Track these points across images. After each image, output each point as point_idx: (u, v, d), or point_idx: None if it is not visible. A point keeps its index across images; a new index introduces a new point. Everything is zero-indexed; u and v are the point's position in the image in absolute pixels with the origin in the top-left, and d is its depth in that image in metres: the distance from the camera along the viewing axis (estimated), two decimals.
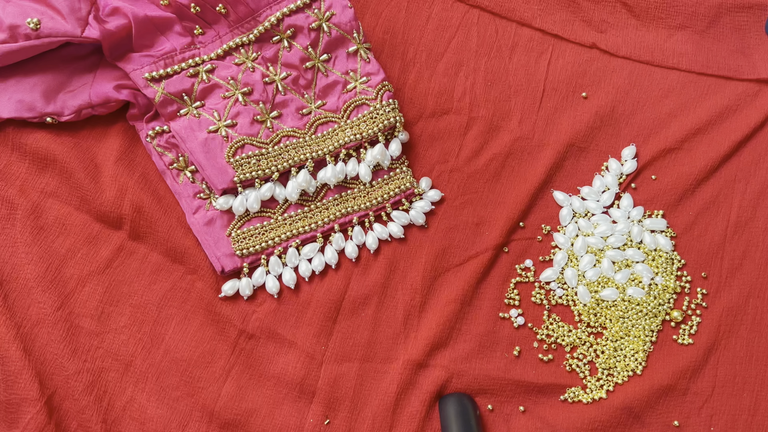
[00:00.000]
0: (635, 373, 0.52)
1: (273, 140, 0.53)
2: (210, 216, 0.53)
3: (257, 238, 0.53)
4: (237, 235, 0.52)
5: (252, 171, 0.52)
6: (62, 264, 0.52)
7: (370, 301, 0.53)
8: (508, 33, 0.57)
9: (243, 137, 0.52)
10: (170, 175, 0.53)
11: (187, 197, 0.53)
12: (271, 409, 0.51)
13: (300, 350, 0.52)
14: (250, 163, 0.52)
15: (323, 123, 0.54)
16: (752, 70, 0.55)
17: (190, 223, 0.53)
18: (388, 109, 0.53)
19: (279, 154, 0.52)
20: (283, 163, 0.52)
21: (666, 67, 0.56)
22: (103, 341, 0.51)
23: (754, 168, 0.54)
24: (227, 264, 0.52)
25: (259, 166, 0.52)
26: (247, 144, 0.52)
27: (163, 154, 0.53)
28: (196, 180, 0.53)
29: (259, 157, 0.52)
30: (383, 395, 0.51)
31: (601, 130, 0.55)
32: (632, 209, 0.54)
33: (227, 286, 0.52)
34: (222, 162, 0.51)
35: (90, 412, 0.50)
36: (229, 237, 0.52)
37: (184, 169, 0.53)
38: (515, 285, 0.53)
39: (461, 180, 0.55)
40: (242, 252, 0.52)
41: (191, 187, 0.53)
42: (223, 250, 0.52)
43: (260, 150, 0.52)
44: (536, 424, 0.51)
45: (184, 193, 0.53)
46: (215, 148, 0.52)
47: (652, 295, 0.53)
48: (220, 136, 0.52)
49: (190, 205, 0.53)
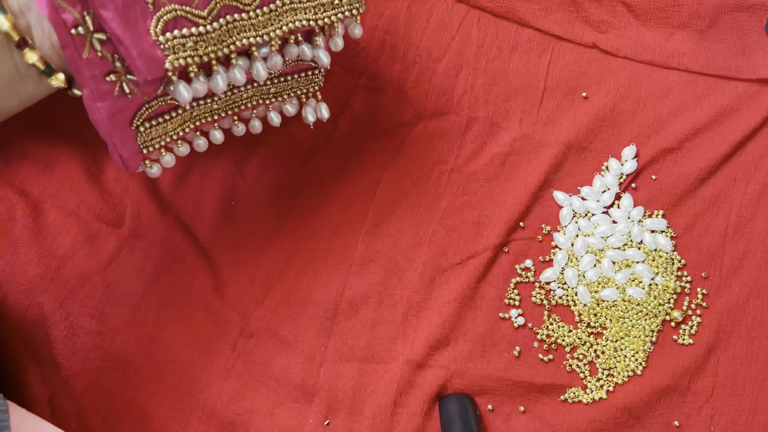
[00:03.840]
0: (635, 374, 0.52)
1: (212, 13, 0.40)
2: (119, 104, 0.40)
3: (163, 130, 0.44)
4: (145, 129, 0.42)
5: (188, 56, 0.40)
6: (62, 264, 0.52)
7: (369, 301, 0.53)
8: (509, 33, 0.57)
9: (174, 6, 0.39)
10: (72, 43, 0.38)
11: (92, 76, 0.39)
12: (271, 410, 0.51)
13: (299, 350, 0.52)
14: (185, 45, 0.40)
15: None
16: (752, 70, 0.55)
17: (91, 111, 0.40)
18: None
19: (220, 37, 0.41)
20: (224, 49, 0.41)
21: (666, 67, 0.56)
22: (103, 341, 0.51)
23: (755, 168, 0.54)
24: (132, 164, 0.43)
25: (196, 50, 0.40)
26: (180, 17, 0.39)
27: (61, 9, 0.37)
28: (106, 54, 0.39)
29: (197, 38, 0.40)
30: (383, 395, 0.51)
31: (602, 130, 0.55)
32: (632, 209, 0.54)
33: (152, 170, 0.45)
34: (148, 39, 0.39)
35: (90, 411, 0.50)
36: (135, 130, 0.42)
37: (90, 35, 0.38)
38: (515, 285, 0.53)
39: (461, 180, 0.55)
40: (147, 149, 0.43)
41: (97, 63, 0.39)
42: (130, 149, 0.42)
43: (197, 28, 0.40)
44: (536, 424, 0.51)
45: (87, 71, 0.39)
46: (136, 16, 0.38)
47: (652, 295, 0.52)
48: (142, 1, 0.38)
49: (95, 89, 0.39)
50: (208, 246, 0.53)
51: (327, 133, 0.55)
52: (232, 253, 0.53)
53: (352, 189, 0.55)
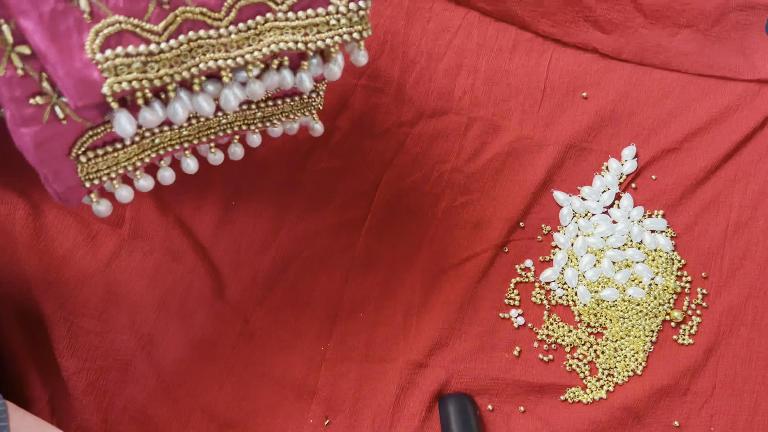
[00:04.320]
0: (635, 374, 0.52)
1: (169, 28, 0.33)
2: (49, 133, 0.33)
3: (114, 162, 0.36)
4: (86, 159, 0.35)
5: (133, 80, 0.32)
6: (62, 264, 0.51)
7: (369, 301, 0.53)
8: (509, 33, 0.57)
9: (119, 17, 0.32)
10: None
11: (13, 98, 0.32)
12: (271, 410, 0.51)
13: (300, 350, 0.52)
14: (130, 66, 0.32)
15: (251, 5, 0.35)
16: (752, 70, 0.55)
17: (15, 137, 0.33)
18: (355, 18, 0.37)
19: (178, 57, 0.33)
20: (183, 72, 0.33)
21: (666, 68, 0.56)
22: (103, 341, 0.51)
23: (755, 168, 0.54)
24: (70, 199, 0.36)
25: (145, 74, 0.32)
26: (127, 31, 0.32)
27: None
28: (30, 71, 0.32)
29: (147, 59, 0.32)
30: (383, 395, 0.51)
31: (602, 130, 0.55)
32: (632, 209, 0.54)
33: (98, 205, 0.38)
34: (81, 57, 0.31)
35: (90, 412, 0.50)
36: (75, 160, 0.35)
37: (9, 48, 0.32)
38: (515, 285, 0.53)
39: (461, 180, 0.55)
40: (92, 182, 0.36)
41: (19, 83, 0.32)
42: (67, 182, 0.35)
43: (147, 46, 0.32)
44: (536, 424, 0.51)
45: (6, 93, 0.32)
46: (69, 29, 0.31)
47: (652, 295, 0.52)
48: (77, 10, 0.31)
49: (18, 113, 0.32)
50: (208, 246, 0.53)
51: (327, 132, 0.55)
52: (232, 253, 0.53)
53: (352, 189, 0.55)
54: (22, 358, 0.50)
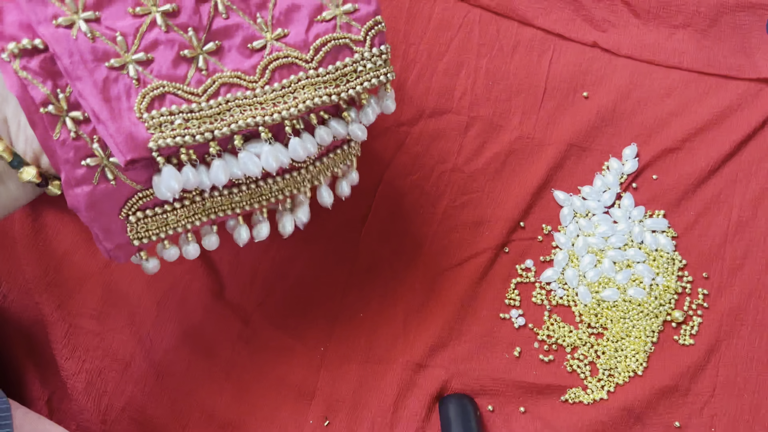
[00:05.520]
0: (636, 374, 0.52)
1: (208, 91, 0.36)
2: (99, 192, 0.35)
3: (163, 222, 0.38)
4: (136, 220, 0.37)
5: (176, 136, 0.35)
6: (61, 264, 0.51)
7: (369, 302, 0.53)
8: (510, 32, 0.56)
9: (163, 82, 0.35)
10: (42, 122, 0.34)
11: (66, 162, 0.35)
12: (270, 410, 0.51)
13: (299, 351, 0.52)
14: (173, 123, 0.35)
15: (283, 66, 0.37)
16: (753, 69, 0.55)
17: (68, 197, 0.35)
18: (379, 61, 0.38)
19: (218, 114, 0.36)
20: (223, 128, 0.36)
21: (667, 67, 0.56)
22: (103, 341, 0.51)
23: (756, 168, 0.54)
24: (119, 256, 0.38)
25: (187, 130, 0.35)
26: (169, 94, 0.35)
27: (31, 85, 0.34)
28: (81, 135, 0.35)
29: (188, 116, 0.35)
30: (383, 396, 0.51)
31: (602, 129, 0.55)
32: (633, 209, 0.54)
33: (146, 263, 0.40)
34: (130, 117, 0.34)
35: (89, 412, 0.50)
36: (125, 221, 0.37)
37: (63, 114, 0.34)
38: (516, 285, 0.53)
39: (461, 180, 0.54)
40: (141, 242, 0.38)
41: (72, 146, 0.35)
42: (117, 240, 0.37)
43: (188, 105, 0.35)
44: (537, 424, 0.51)
45: (61, 155, 0.35)
46: (119, 94, 0.34)
47: (653, 295, 0.52)
48: (127, 77, 0.35)
49: (71, 174, 0.35)
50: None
51: None
52: (231, 254, 0.53)
53: (353, 189, 0.54)
54: (21, 358, 0.50)
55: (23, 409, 0.41)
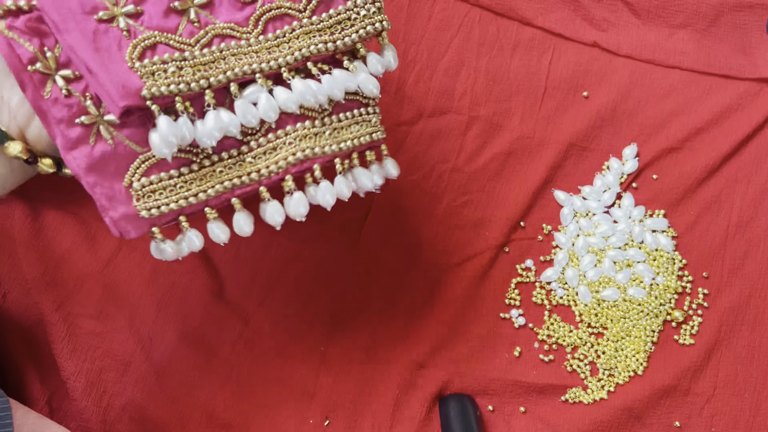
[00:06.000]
0: (636, 374, 0.52)
1: (201, 41, 0.35)
2: (98, 154, 0.35)
3: (172, 192, 0.36)
4: (141, 187, 0.36)
5: (170, 83, 0.34)
6: (61, 264, 0.51)
7: (369, 302, 0.53)
8: (510, 32, 0.56)
9: (154, 33, 0.35)
10: (31, 82, 0.34)
11: (60, 122, 0.34)
12: (270, 410, 0.51)
13: (299, 351, 0.52)
14: (167, 71, 0.34)
15: (276, 18, 0.37)
16: (754, 69, 0.55)
17: (67, 161, 0.35)
18: (372, 9, 0.38)
19: (212, 62, 0.35)
20: (218, 75, 0.35)
21: (667, 66, 0.56)
22: (103, 341, 0.51)
23: (756, 167, 0.54)
24: (128, 230, 0.36)
25: (181, 77, 0.34)
26: (161, 43, 0.35)
27: (17, 44, 0.34)
28: (73, 92, 0.34)
29: (181, 63, 0.35)
30: (383, 396, 0.51)
31: (603, 129, 0.55)
32: (633, 209, 0.54)
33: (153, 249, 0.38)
34: (122, 67, 0.34)
35: (89, 412, 0.49)
36: (130, 188, 0.36)
37: (52, 72, 0.34)
38: (516, 285, 0.53)
39: (462, 179, 0.54)
40: (149, 212, 0.36)
41: (65, 104, 0.34)
42: (122, 209, 0.36)
43: (181, 53, 0.35)
44: (537, 424, 0.51)
45: (54, 115, 0.34)
46: (110, 45, 0.34)
47: (653, 295, 0.52)
48: (116, 29, 0.34)
49: (66, 135, 0.34)
50: (208, 246, 0.53)
51: None
52: (231, 253, 0.53)
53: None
54: (21, 358, 0.50)
55: (23, 409, 0.41)
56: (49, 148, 0.36)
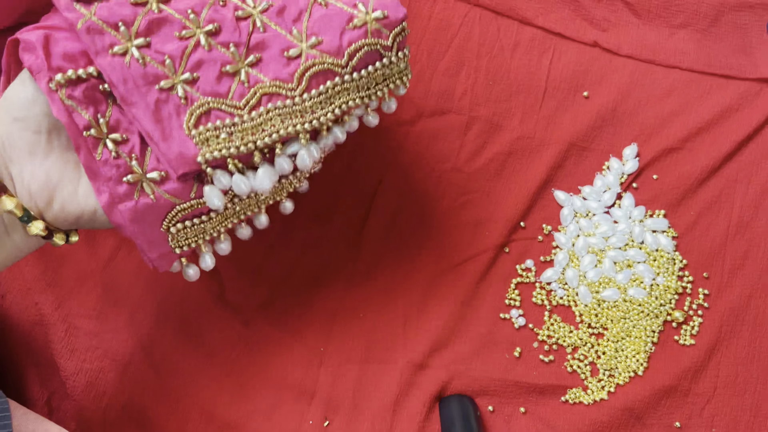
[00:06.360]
0: (636, 374, 0.52)
1: (250, 102, 0.39)
2: (141, 207, 0.38)
3: (203, 231, 0.41)
4: (177, 231, 0.40)
5: (222, 149, 0.38)
6: (60, 264, 0.51)
7: (369, 302, 0.52)
8: (510, 32, 0.56)
9: (208, 99, 0.38)
10: (85, 146, 0.37)
11: (109, 180, 0.38)
12: (270, 410, 0.51)
13: (299, 351, 0.52)
14: (219, 137, 0.38)
15: (319, 73, 0.39)
16: (754, 69, 0.55)
17: (112, 216, 0.38)
18: (402, 64, 0.42)
19: (259, 125, 0.39)
20: (265, 138, 0.39)
21: (668, 66, 0.56)
22: (102, 341, 0.51)
23: (756, 168, 0.54)
24: (162, 265, 0.41)
25: (232, 141, 0.38)
26: (214, 110, 0.38)
27: (75, 112, 0.37)
28: (121, 154, 0.38)
29: (231, 129, 0.38)
30: (383, 396, 0.51)
31: (603, 129, 0.55)
32: (634, 209, 0.54)
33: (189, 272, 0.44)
34: (180, 135, 0.38)
35: (89, 412, 0.49)
36: (166, 232, 0.40)
37: (103, 137, 0.38)
38: (516, 285, 0.53)
39: (462, 179, 0.54)
40: (182, 249, 0.41)
41: (114, 164, 0.38)
42: (159, 250, 0.40)
43: (232, 119, 0.38)
44: (537, 425, 0.51)
45: (104, 174, 0.38)
46: (170, 113, 0.38)
47: (653, 295, 0.52)
48: (176, 97, 0.38)
49: (114, 192, 0.38)
50: None
51: None
52: (232, 254, 0.53)
53: (353, 189, 0.54)
54: (21, 358, 0.50)
55: (23, 409, 0.41)
56: (64, 224, 0.39)
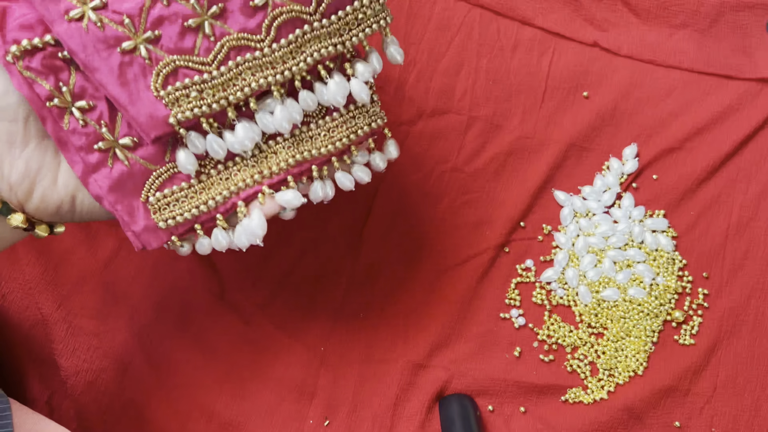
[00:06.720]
0: (636, 374, 0.52)
1: (217, 57, 0.37)
2: (116, 175, 0.37)
3: (185, 202, 0.39)
4: (156, 201, 0.39)
5: (194, 107, 0.37)
6: (61, 263, 0.51)
7: (369, 302, 0.53)
8: (510, 32, 0.56)
9: (173, 57, 0.36)
10: (50, 116, 0.36)
11: (79, 149, 0.37)
12: (270, 410, 0.51)
13: (299, 351, 0.52)
14: (189, 96, 0.37)
15: (287, 22, 0.38)
16: (754, 69, 0.55)
17: (89, 187, 0.38)
18: (376, 6, 0.39)
19: (230, 80, 0.37)
20: (237, 93, 0.37)
21: (668, 66, 0.56)
22: (103, 341, 0.51)
23: (756, 168, 0.54)
24: (149, 241, 0.39)
25: (203, 99, 0.37)
26: (181, 68, 0.37)
27: (35, 83, 0.36)
28: (89, 121, 0.37)
29: (201, 86, 0.37)
30: (383, 396, 0.51)
31: (603, 129, 0.55)
32: (633, 209, 0.54)
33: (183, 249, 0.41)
34: (149, 97, 0.36)
35: (89, 411, 0.50)
36: (146, 203, 0.39)
37: (69, 105, 0.37)
38: (516, 285, 0.53)
39: (462, 179, 0.54)
40: (167, 223, 0.39)
41: (83, 133, 0.37)
42: (142, 222, 0.39)
43: (201, 75, 0.37)
44: (537, 424, 0.51)
45: (74, 144, 0.37)
46: (136, 76, 0.36)
47: (653, 295, 0.52)
48: (139, 58, 0.36)
49: (86, 161, 0.37)
50: None
51: None
52: (231, 253, 0.53)
53: (353, 189, 0.54)
54: (21, 358, 0.50)
55: (24, 409, 0.41)
56: (45, 216, 0.38)
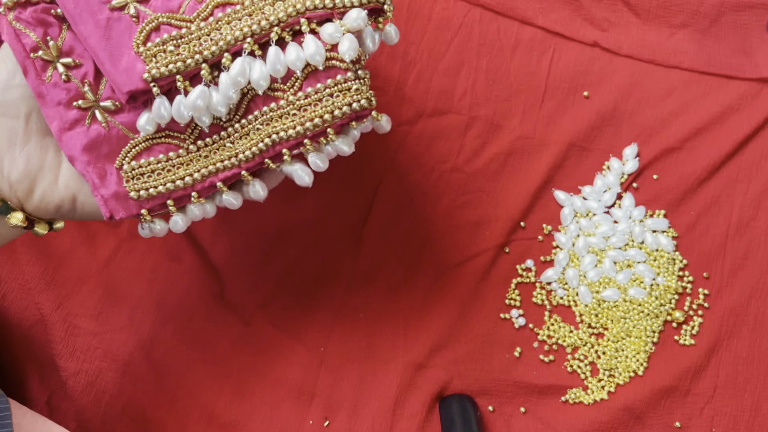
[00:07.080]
0: (636, 374, 0.52)
1: (201, 15, 0.36)
2: (93, 135, 0.37)
3: (160, 175, 0.38)
4: (131, 169, 0.37)
5: (168, 63, 0.35)
6: (61, 264, 0.51)
7: (369, 302, 0.52)
8: (510, 32, 0.56)
9: (158, 15, 0.36)
10: (33, 68, 0.36)
11: (58, 104, 0.36)
12: (270, 410, 0.51)
13: (299, 351, 0.52)
14: (166, 51, 0.35)
15: None
16: (754, 69, 0.55)
17: (62, 143, 0.37)
18: None
19: (206, 34, 0.36)
20: (211, 47, 0.35)
21: (668, 66, 0.56)
22: (102, 341, 0.51)
23: (756, 168, 0.54)
24: (117, 209, 0.38)
25: (179, 55, 0.35)
26: (163, 24, 0.36)
27: (23, 34, 0.36)
28: (72, 78, 0.36)
29: (179, 41, 0.36)
30: (383, 396, 0.51)
31: (603, 129, 0.55)
32: (634, 209, 0.54)
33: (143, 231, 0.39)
34: (129, 54, 0.35)
35: (88, 412, 0.49)
36: (120, 170, 0.37)
37: (54, 59, 0.36)
38: (516, 285, 0.53)
39: (462, 179, 0.54)
40: (138, 194, 0.37)
41: (63, 88, 0.36)
42: (112, 188, 0.37)
43: (179, 31, 0.36)
44: (537, 425, 0.51)
45: (53, 98, 0.36)
46: (121, 32, 0.36)
47: (653, 295, 0.52)
48: (127, 16, 0.36)
49: (63, 116, 0.36)
50: (208, 246, 0.53)
51: None
52: (231, 253, 0.53)
53: (353, 189, 0.54)
54: (21, 358, 0.50)
55: (23, 409, 0.41)
56: (45, 214, 0.38)
